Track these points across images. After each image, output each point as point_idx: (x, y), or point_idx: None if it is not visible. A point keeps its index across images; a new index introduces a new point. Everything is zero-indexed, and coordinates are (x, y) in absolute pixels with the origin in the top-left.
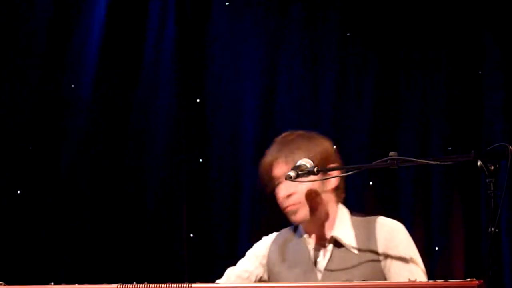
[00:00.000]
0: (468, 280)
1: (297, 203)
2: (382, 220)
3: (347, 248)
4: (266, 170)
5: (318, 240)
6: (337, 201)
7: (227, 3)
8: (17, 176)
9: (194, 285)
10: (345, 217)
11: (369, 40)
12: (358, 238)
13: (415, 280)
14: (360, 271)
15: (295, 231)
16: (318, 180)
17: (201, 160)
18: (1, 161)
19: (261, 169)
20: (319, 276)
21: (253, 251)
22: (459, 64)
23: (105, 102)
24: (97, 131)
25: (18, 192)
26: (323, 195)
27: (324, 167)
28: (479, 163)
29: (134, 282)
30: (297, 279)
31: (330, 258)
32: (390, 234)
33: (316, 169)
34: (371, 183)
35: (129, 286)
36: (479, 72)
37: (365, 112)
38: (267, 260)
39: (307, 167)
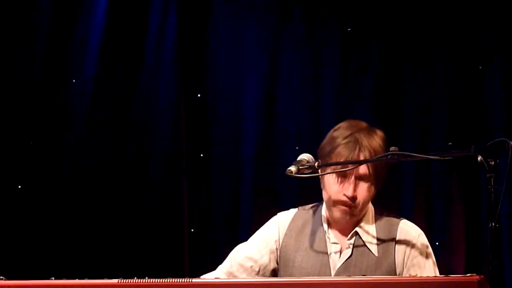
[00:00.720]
0: (469, 275)
1: (355, 208)
2: (404, 226)
3: (367, 247)
4: (347, 156)
5: (339, 233)
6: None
7: None
8: (18, 171)
9: (195, 280)
10: (370, 216)
11: (370, 36)
12: (379, 241)
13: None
14: (376, 273)
15: (314, 214)
16: (320, 175)
17: (202, 155)
18: (2, 156)
19: (340, 149)
20: (333, 271)
21: (264, 234)
22: (460, 60)
23: (106, 97)
24: (98, 126)
25: (19, 187)
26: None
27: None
28: (480, 158)
29: (135, 277)
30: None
31: (350, 255)
32: (411, 242)
33: (317, 165)
34: None
35: (130, 281)
36: (480, 68)
37: (366, 107)
38: (281, 246)
39: (308, 162)
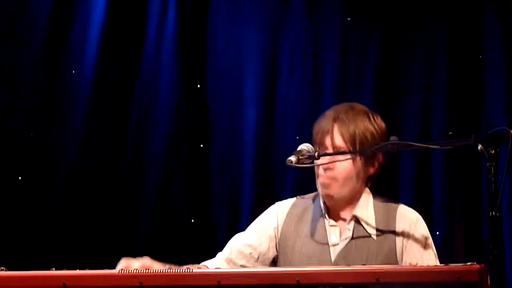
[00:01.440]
0: (469, 264)
1: (332, 179)
2: (403, 210)
3: (367, 231)
4: (322, 132)
5: (338, 218)
6: (366, 185)
7: None
8: (18, 162)
9: (196, 270)
10: (368, 200)
11: (370, 25)
12: (378, 223)
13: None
14: (376, 257)
15: (313, 202)
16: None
17: (202, 146)
18: (2, 147)
19: (318, 125)
20: (333, 255)
21: (262, 221)
22: (460, 49)
23: (106, 88)
24: (98, 117)
25: (20, 178)
26: (360, 179)
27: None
28: (480, 147)
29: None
30: (309, 256)
31: (349, 239)
32: (410, 225)
33: (317, 154)
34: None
35: (131, 271)
36: (480, 57)
37: (366, 96)
38: (280, 233)
39: (308, 152)
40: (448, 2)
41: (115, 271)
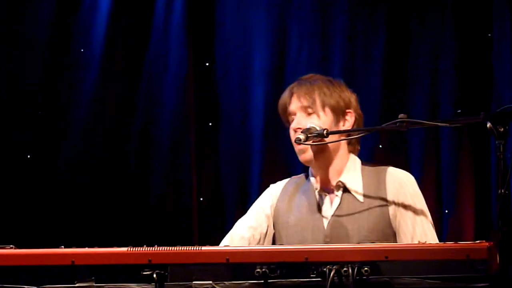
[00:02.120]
0: (478, 242)
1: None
2: (393, 170)
3: (355, 197)
4: (284, 103)
5: (326, 186)
6: (350, 151)
7: None
8: (27, 141)
9: (204, 248)
10: (355, 166)
11: (378, 5)
12: (367, 187)
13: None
14: (368, 219)
15: (306, 178)
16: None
17: (211, 124)
18: (11, 126)
19: (280, 102)
20: (325, 223)
21: (259, 202)
22: (469, 27)
23: (115, 66)
24: (107, 95)
25: (28, 157)
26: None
27: (341, 113)
28: (489, 125)
29: (144, 245)
30: (303, 228)
31: (339, 205)
32: (400, 184)
33: (326, 132)
34: (381, 146)
35: (140, 249)
36: (489, 35)
37: (375, 75)
38: (275, 210)
39: (317, 130)
40: None
41: (124, 249)
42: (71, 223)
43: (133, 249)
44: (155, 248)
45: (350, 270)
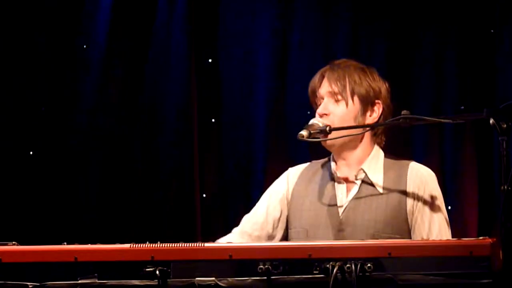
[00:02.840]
0: (481, 238)
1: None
2: (415, 165)
3: (375, 187)
4: (314, 86)
5: (345, 173)
6: (374, 141)
7: None
8: (30, 137)
9: (207, 244)
10: (378, 157)
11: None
12: (387, 179)
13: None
14: (386, 213)
15: (325, 164)
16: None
17: (214, 120)
18: (14, 122)
19: (310, 83)
20: (340, 211)
21: (274, 187)
22: (471, 23)
23: (118, 63)
24: (110, 92)
25: (31, 153)
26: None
27: (369, 102)
28: (492, 121)
29: (147, 242)
30: (317, 213)
31: (356, 194)
32: (421, 180)
33: (329, 128)
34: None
35: (142, 246)
36: (491, 31)
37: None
38: (291, 194)
39: (320, 126)
40: None
41: (127, 246)
42: (74, 220)
43: (136, 246)
44: (158, 245)
45: (353, 267)
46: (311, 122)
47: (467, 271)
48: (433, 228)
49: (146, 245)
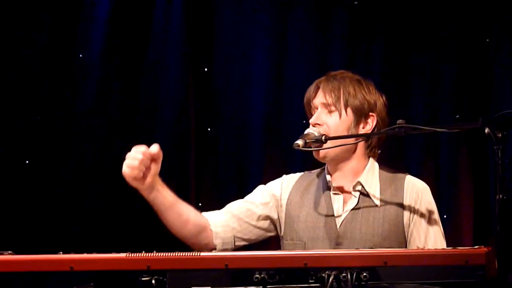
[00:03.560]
0: (477, 247)
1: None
2: (411, 179)
3: (372, 199)
4: (309, 96)
5: (341, 185)
6: (368, 154)
7: None
8: (26, 146)
9: (203, 254)
10: (374, 170)
11: (378, 9)
12: (384, 192)
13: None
14: (383, 226)
15: (320, 174)
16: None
17: (210, 129)
18: (10, 131)
19: (306, 93)
20: (338, 223)
21: (267, 186)
22: (467, 33)
23: (113, 72)
24: (106, 102)
25: (27, 162)
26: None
27: (363, 115)
28: (487, 130)
29: (143, 251)
30: (315, 225)
31: (355, 206)
32: (417, 194)
33: (324, 138)
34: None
35: (138, 255)
36: (487, 40)
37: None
38: (287, 203)
39: (315, 135)
40: None
41: (123, 255)
42: (70, 229)
43: (132, 255)
44: (154, 254)
45: (349, 276)
46: (307, 132)
47: (463, 280)
48: (429, 241)
49: (142, 255)
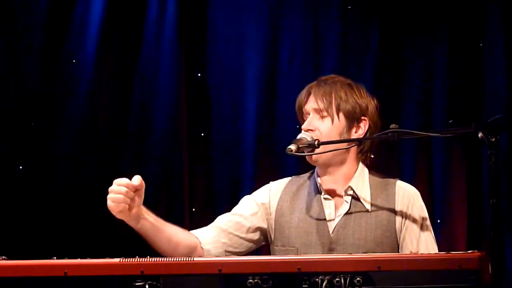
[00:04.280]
0: (470, 252)
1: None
2: (402, 184)
3: (363, 204)
4: (300, 102)
5: (332, 190)
6: (359, 159)
7: None
8: (19, 152)
9: (197, 259)
10: (364, 175)
11: (370, 13)
12: (375, 197)
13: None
14: (375, 232)
15: (309, 179)
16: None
17: (203, 134)
18: (3, 137)
19: (297, 99)
20: (331, 229)
21: (254, 196)
22: (461, 37)
23: (106, 78)
24: (98, 107)
25: (20, 168)
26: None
27: (355, 119)
28: (480, 135)
29: (137, 256)
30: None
31: (347, 211)
32: (408, 199)
33: (317, 142)
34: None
35: (132, 260)
36: (481, 45)
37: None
38: (276, 210)
39: (308, 140)
40: None
41: (116, 260)
42: (64, 234)
43: (126, 260)
44: (148, 259)
45: (343, 281)
46: (300, 136)
47: (456, 285)
48: (421, 246)
49: (136, 260)
